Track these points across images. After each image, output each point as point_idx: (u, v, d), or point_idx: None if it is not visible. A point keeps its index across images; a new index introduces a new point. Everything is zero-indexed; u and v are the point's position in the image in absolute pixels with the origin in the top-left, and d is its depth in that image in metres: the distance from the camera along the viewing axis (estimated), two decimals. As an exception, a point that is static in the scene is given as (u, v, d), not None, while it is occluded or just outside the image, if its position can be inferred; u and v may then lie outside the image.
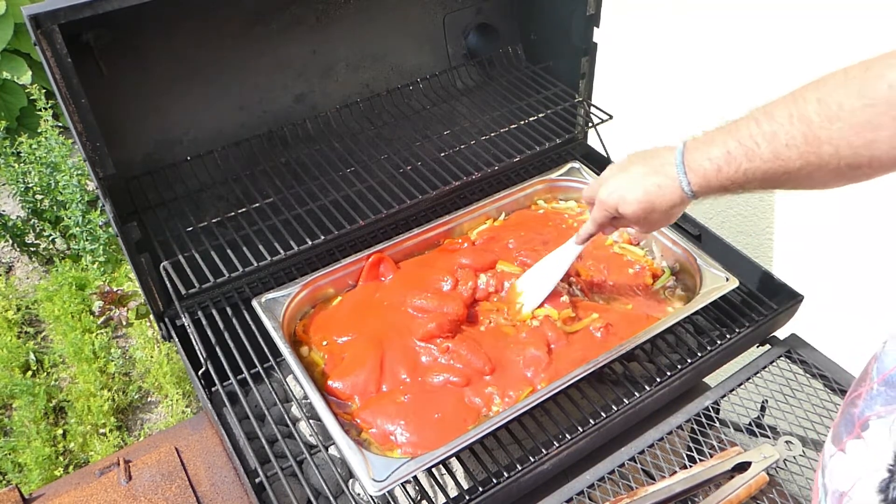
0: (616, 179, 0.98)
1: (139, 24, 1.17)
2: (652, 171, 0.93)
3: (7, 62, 3.32)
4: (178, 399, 2.33)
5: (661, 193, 0.92)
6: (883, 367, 0.62)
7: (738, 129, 0.82)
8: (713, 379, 1.16)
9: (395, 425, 0.99)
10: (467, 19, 1.60)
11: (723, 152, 0.84)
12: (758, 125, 0.80)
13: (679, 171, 0.88)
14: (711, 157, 0.85)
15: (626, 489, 0.96)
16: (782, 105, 0.79)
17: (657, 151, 0.94)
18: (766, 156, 0.80)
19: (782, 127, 0.78)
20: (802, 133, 0.76)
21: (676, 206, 0.93)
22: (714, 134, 0.86)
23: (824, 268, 1.55)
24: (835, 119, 0.73)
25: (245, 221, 1.30)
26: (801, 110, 0.76)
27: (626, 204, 0.96)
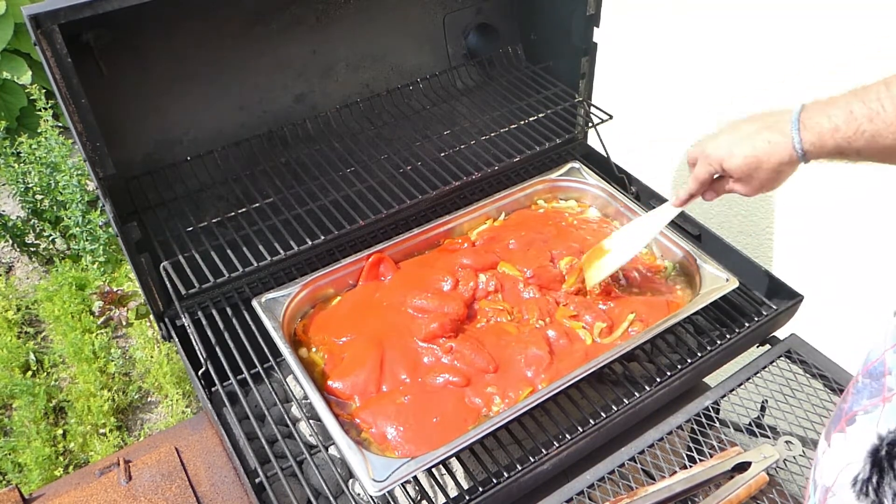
0: (726, 135, 0.95)
1: (139, 24, 1.17)
2: (764, 127, 0.90)
3: (7, 62, 3.32)
4: (178, 399, 2.33)
5: (770, 150, 0.89)
6: (867, 359, 0.62)
7: (867, 92, 0.79)
8: (713, 379, 1.16)
9: (394, 427, 0.99)
10: (467, 19, 1.60)
11: (844, 112, 0.80)
12: (887, 88, 0.76)
13: (793, 127, 0.85)
14: (830, 116, 0.81)
15: (626, 489, 0.96)
16: None
17: (774, 111, 0.91)
18: (891, 119, 0.76)
19: None
20: None
21: (785, 164, 0.89)
22: (839, 96, 0.82)
23: (824, 268, 1.55)
24: None
25: (245, 221, 1.30)
26: None
27: (732, 158, 0.93)
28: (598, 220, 1.37)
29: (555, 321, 1.15)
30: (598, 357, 1.05)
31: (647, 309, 1.16)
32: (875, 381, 0.60)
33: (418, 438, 0.98)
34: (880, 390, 0.59)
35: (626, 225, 1.18)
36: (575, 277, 1.22)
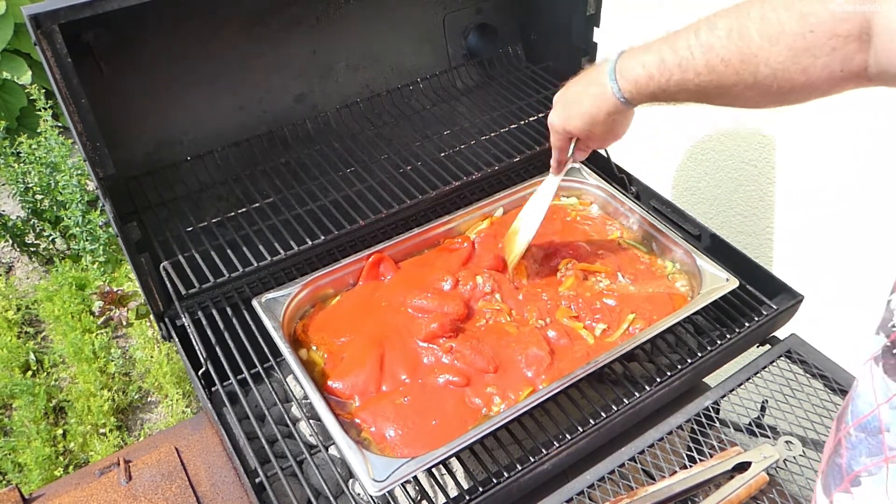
0: (560, 102, 1.00)
1: (139, 24, 1.17)
2: (588, 83, 0.93)
3: (7, 62, 3.33)
4: (178, 399, 2.33)
5: (597, 104, 0.92)
6: (857, 411, 0.59)
7: (677, 38, 0.80)
8: (713, 379, 1.16)
9: (394, 428, 0.99)
10: (467, 19, 1.60)
11: (656, 59, 0.82)
12: (696, 36, 0.78)
13: (610, 77, 0.88)
14: (645, 64, 0.84)
15: (626, 489, 0.96)
16: (724, 17, 0.76)
17: (596, 64, 0.95)
18: (700, 68, 0.78)
19: (720, 40, 0.76)
20: (740, 50, 0.74)
21: (613, 113, 0.92)
22: (653, 42, 0.84)
23: (824, 268, 1.55)
24: (775, 41, 0.71)
25: (245, 221, 1.30)
26: (742, 25, 0.74)
27: (570, 121, 0.98)
28: (600, 217, 1.37)
29: (555, 321, 1.15)
30: (598, 357, 1.05)
31: (651, 305, 1.16)
32: (871, 437, 0.57)
33: (418, 438, 0.98)
34: (880, 448, 0.57)
35: (526, 204, 1.23)
36: (573, 280, 1.22)
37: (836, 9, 0.66)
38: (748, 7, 0.74)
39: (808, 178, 1.53)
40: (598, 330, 1.14)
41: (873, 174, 1.38)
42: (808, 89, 0.72)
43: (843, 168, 1.44)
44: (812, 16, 0.68)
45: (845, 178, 1.45)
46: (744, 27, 0.73)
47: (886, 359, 0.56)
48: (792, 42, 0.70)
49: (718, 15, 0.77)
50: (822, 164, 1.49)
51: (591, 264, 1.25)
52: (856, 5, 0.65)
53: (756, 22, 0.73)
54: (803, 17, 0.69)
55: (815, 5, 0.68)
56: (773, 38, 0.71)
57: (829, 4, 0.67)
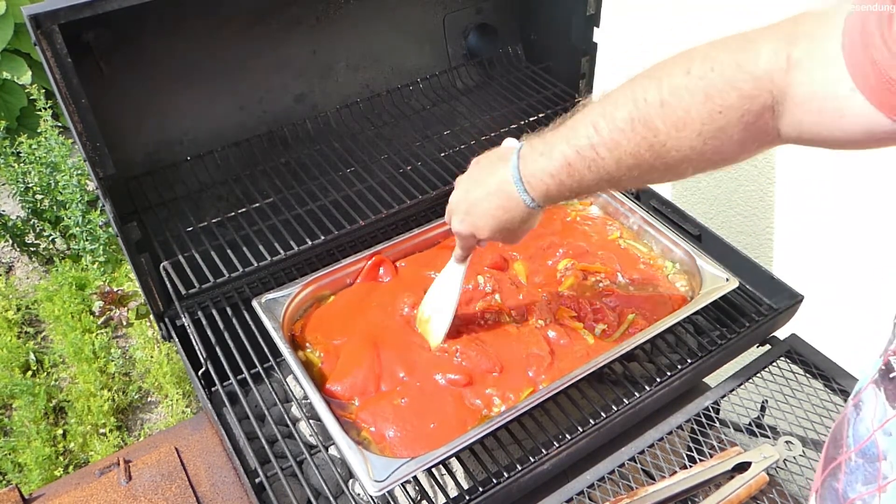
0: (462, 209, 0.94)
1: (139, 24, 1.17)
2: (493, 192, 0.87)
3: (7, 62, 3.32)
4: (178, 399, 2.33)
5: (507, 215, 0.87)
6: (858, 436, 0.57)
7: (577, 136, 0.76)
8: (713, 379, 1.16)
9: (393, 428, 0.99)
10: (467, 19, 1.60)
11: (563, 165, 0.77)
12: (597, 132, 0.73)
13: (518, 188, 0.83)
14: (552, 172, 0.79)
15: (626, 489, 0.96)
16: (623, 104, 0.71)
17: (493, 166, 0.89)
18: (611, 166, 0.74)
19: (624, 134, 0.71)
20: (648, 142, 0.70)
21: (528, 220, 0.89)
22: (552, 140, 0.79)
23: (824, 268, 1.55)
24: (682, 126, 0.67)
25: (245, 221, 1.30)
26: (643, 114, 0.69)
27: (480, 231, 0.93)
28: (600, 217, 1.37)
29: (555, 321, 1.15)
30: (598, 357, 1.05)
31: (651, 305, 1.16)
32: (869, 464, 0.56)
33: (418, 439, 0.98)
34: (875, 476, 0.55)
35: (430, 290, 1.14)
36: (573, 280, 1.22)
37: (744, 86, 0.63)
38: (644, 90, 0.70)
39: (809, 178, 1.53)
40: (598, 330, 1.14)
41: (873, 174, 1.38)
42: (724, 163, 0.70)
43: (844, 168, 1.44)
44: (718, 97, 0.65)
45: (845, 177, 1.45)
46: (646, 116, 0.69)
47: (885, 383, 0.54)
48: (701, 126, 0.66)
49: (615, 101, 0.73)
50: (822, 163, 1.49)
51: (591, 264, 1.25)
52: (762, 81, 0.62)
53: (657, 108, 0.69)
54: (708, 98, 0.65)
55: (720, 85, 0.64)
56: (679, 125, 0.67)
57: (735, 82, 0.64)
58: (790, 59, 0.61)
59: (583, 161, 0.75)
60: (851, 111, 0.58)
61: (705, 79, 0.65)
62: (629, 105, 0.71)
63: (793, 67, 0.61)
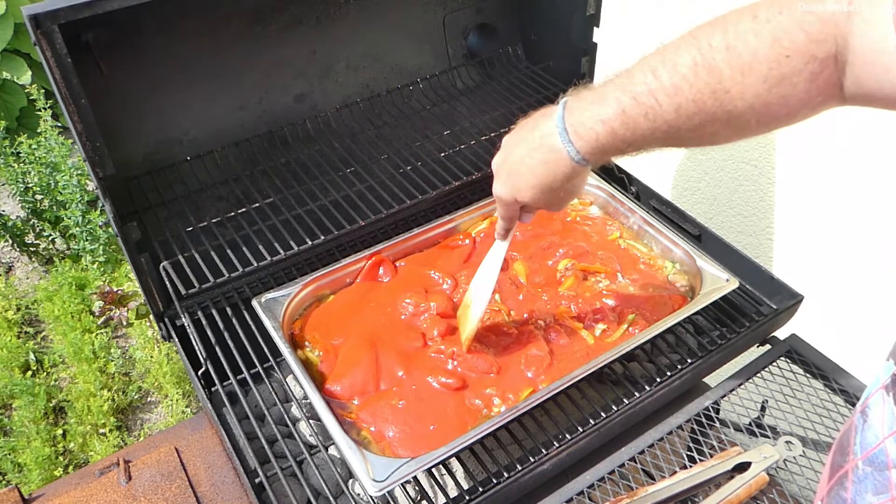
0: (504, 170, 0.88)
1: (139, 24, 1.17)
2: (535, 147, 0.80)
3: (7, 62, 3.33)
4: (178, 399, 2.33)
5: (551, 171, 0.80)
6: (866, 443, 0.55)
7: (634, 82, 0.71)
8: (713, 379, 1.16)
9: (393, 429, 0.99)
10: (467, 19, 1.60)
11: (616, 112, 0.72)
12: (656, 77, 0.69)
13: (563, 139, 0.76)
14: (603, 118, 0.73)
15: (626, 489, 0.96)
16: (685, 50, 0.67)
17: (536, 121, 0.82)
18: (669, 115, 0.69)
19: (686, 80, 0.67)
20: (711, 88, 0.66)
21: (573, 177, 0.81)
22: (605, 89, 0.74)
23: (824, 268, 1.55)
24: (748, 71, 0.64)
25: (245, 221, 1.30)
26: (707, 59, 0.66)
27: (521, 193, 0.86)
28: (600, 217, 1.37)
29: (555, 321, 1.15)
30: (598, 357, 1.05)
31: (651, 305, 1.16)
32: (878, 472, 0.53)
33: (418, 439, 0.98)
34: (886, 486, 0.53)
35: (476, 275, 1.11)
36: (573, 280, 1.22)
37: (811, 28, 0.61)
38: (709, 36, 0.67)
39: (809, 178, 1.53)
40: (598, 330, 1.14)
41: (873, 174, 1.38)
42: (788, 118, 0.67)
43: (844, 168, 1.44)
44: (786, 39, 0.62)
45: (845, 177, 1.45)
46: (710, 60, 0.66)
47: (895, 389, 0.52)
48: (767, 71, 0.63)
49: (676, 48, 0.69)
50: (822, 163, 1.49)
51: (591, 264, 1.25)
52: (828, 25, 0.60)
53: (722, 52, 0.65)
54: (776, 41, 0.63)
55: (788, 27, 0.62)
56: (745, 69, 0.64)
57: (803, 24, 0.61)
58: (851, 7, 0.59)
59: (639, 108, 0.70)
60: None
61: (772, 21, 0.63)
62: (692, 50, 0.67)
63: (853, 13, 0.59)
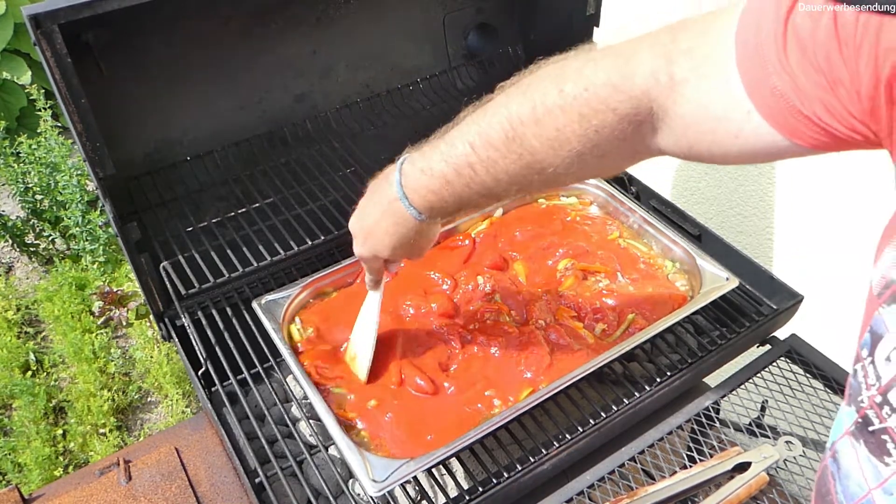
0: (360, 233, 0.94)
1: (139, 24, 1.17)
2: (385, 211, 0.87)
3: (7, 62, 3.33)
4: (178, 399, 2.33)
5: (402, 231, 0.87)
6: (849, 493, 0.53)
7: (455, 153, 0.75)
8: (713, 379, 1.16)
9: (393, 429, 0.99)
10: (467, 19, 1.60)
11: (441, 184, 0.77)
12: (473, 150, 0.73)
13: (404, 204, 0.83)
14: (432, 189, 0.79)
15: (626, 489, 0.96)
16: (498, 123, 0.71)
17: (380, 186, 0.88)
18: (490, 183, 0.74)
19: (499, 152, 0.71)
20: (525, 161, 0.69)
21: (424, 232, 0.88)
22: (431, 156, 0.78)
23: (824, 268, 1.55)
24: (559, 147, 0.66)
25: (245, 221, 1.30)
26: (518, 134, 0.69)
27: (382, 252, 0.92)
28: (599, 217, 1.37)
29: (555, 321, 1.15)
30: (598, 357, 1.05)
31: (651, 305, 1.16)
32: None
33: (418, 439, 0.98)
34: None
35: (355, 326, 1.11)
36: (573, 280, 1.22)
37: (620, 107, 0.62)
38: (519, 107, 0.69)
39: (809, 178, 1.53)
40: (598, 330, 1.14)
41: (874, 173, 1.38)
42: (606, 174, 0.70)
43: (844, 167, 1.44)
44: (594, 117, 0.63)
45: (846, 177, 1.45)
46: (521, 136, 0.68)
47: (865, 437, 0.50)
48: (578, 146, 0.65)
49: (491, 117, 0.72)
50: (822, 163, 1.49)
51: (591, 264, 1.25)
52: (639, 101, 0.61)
53: (531, 128, 0.67)
54: (583, 118, 0.64)
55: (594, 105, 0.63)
56: (555, 144, 0.66)
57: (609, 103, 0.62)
58: (673, 79, 0.60)
59: (461, 179, 0.75)
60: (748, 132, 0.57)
61: (579, 98, 0.64)
62: (504, 124, 0.70)
63: (678, 86, 0.60)
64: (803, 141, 0.55)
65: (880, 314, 0.48)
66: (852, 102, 0.49)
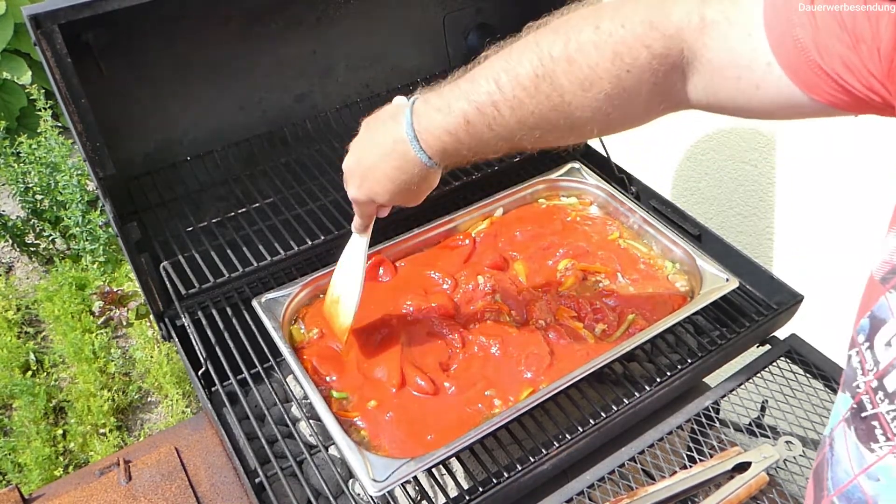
0: (356, 174, 0.87)
1: (139, 24, 1.17)
2: (388, 153, 0.81)
3: (7, 62, 3.33)
4: (178, 399, 2.33)
5: (406, 175, 0.81)
6: (837, 479, 0.53)
7: (478, 91, 0.71)
8: (713, 379, 1.16)
9: (393, 429, 0.99)
10: (467, 19, 1.60)
11: (461, 123, 0.72)
12: (499, 87, 0.69)
13: (414, 146, 0.77)
14: (450, 129, 0.73)
15: (626, 489, 0.96)
16: (527, 59, 0.67)
17: (385, 125, 0.82)
18: (512, 125, 0.69)
19: (527, 91, 0.67)
20: (552, 101, 0.66)
21: (427, 178, 0.82)
22: (450, 95, 0.73)
23: (824, 268, 1.55)
24: (588, 86, 0.64)
25: (245, 221, 1.30)
26: (548, 71, 0.65)
27: (379, 196, 0.86)
28: (599, 217, 1.37)
29: (555, 321, 1.15)
30: (598, 357, 1.05)
31: (651, 305, 1.16)
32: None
33: (418, 439, 0.98)
34: None
35: (336, 269, 1.09)
36: (573, 280, 1.22)
37: (654, 45, 0.61)
38: (550, 45, 0.66)
39: (809, 177, 1.53)
40: (598, 330, 1.14)
41: (874, 173, 1.38)
42: (631, 125, 0.68)
43: (844, 167, 1.44)
44: (627, 55, 0.61)
45: (846, 177, 1.45)
46: (551, 73, 0.65)
47: (856, 423, 0.51)
48: (608, 86, 0.63)
49: (520, 54, 0.69)
50: (822, 163, 1.49)
51: (591, 264, 1.25)
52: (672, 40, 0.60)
53: (563, 64, 0.65)
54: (617, 56, 0.62)
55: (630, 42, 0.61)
56: (585, 84, 0.64)
57: (645, 40, 0.61)
58: (704, 20, 0.59)
59: (483, 119, 0.71)
60: (769, 84, 0.56)
61: (615, 35, 0.62)
62: (534, 60, 0.67)
63: (708, 27, 0.59)
64: (820, 97, 0.54)
65: (886, 300, 0.47)
66: (872, 61, 0.49)
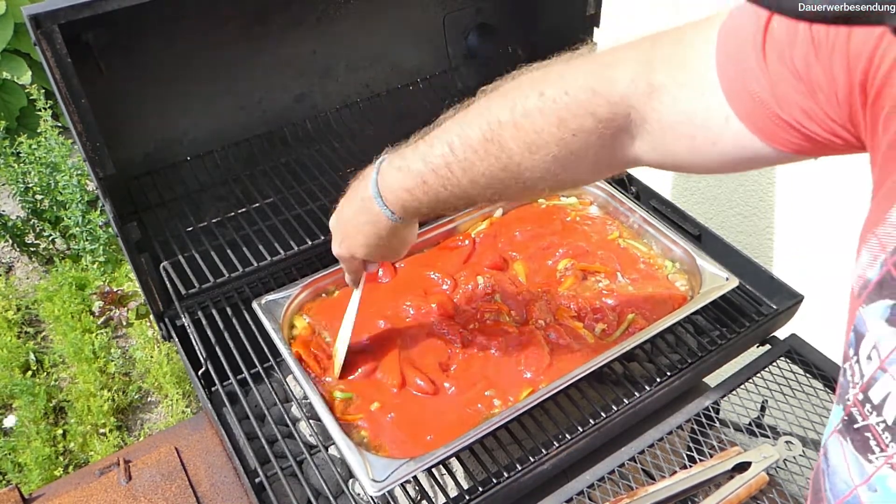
0: (337, 232, 0.94)
1: (139, 23, 1.17)
2: (359, 210, 0.87)
3: (7, 62, 3.33)
4: (178, 399, 2.33)
5: (376, 230, 0.87)
6: (836, 490, 0.53)
7: (433, 154, 0.75)
8: (713, 379, 1.16)
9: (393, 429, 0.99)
10: (467, 19, 1.60)
11: (418, 183, 0.77)
12: (452, 150, 0.73)
13: (378, 203, 0.83)
14: (407, 188, 0.79)
15: (626, 489, 0.96)
16: (477, 125, 0.71)
17: (359, 184, 0.88)
18: (465, 185, 0.74)
19: (477, 154, 0.71)
20: (502, 163, 0.69)
21: (398, 233, 0.88)
22: (409, 156, 0.79)
23: (824, 268, 1.55)
24: (536, 150, 0.66)
25: (245, 221, 1.30)
26: (496, 135, 0.69)
27: (357, 252, 0.92)
28: (599, 217, 1.37)
29: (555, 321, 1.15)
30: (598, 357, 1.05)
31: (651, 305, 1.16)
32: None
33: (417, 439, 0.98)
34: None
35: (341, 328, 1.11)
36: (573, 279, 1.22)
37: (599, 111, 0.62)
38: (498, 110, 0.69)
39: (809, 178, 1.53)
40: (597, 330, 1.14)
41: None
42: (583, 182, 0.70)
43: (844, 167, 1.44)
44: (572, 121, 0.63)
45: (846, 177, 1.45)
46: (499, 137, 0.68)
47: (851, 434, 0.51)
48: (556, 149, 0.65)
49: (471, 120, 0.72)
50: (822, 163, 1.49)
51: (591, 264, 1.25)
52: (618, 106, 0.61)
53: (510, 130, 0.68)
54: (562, 122, 0.64)
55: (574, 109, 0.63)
56: (532, 147, 0.66)
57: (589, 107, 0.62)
58: (652, 85, 0.60)
59: (438, 180, 0.75)
60: (726, 139, 0.57)
61: (558, 102, 0.64)
62: (483, 126, 0.70)
63: (656, 92, 0.60)
64: (783, 146, 0.55)
65: (860, 314, 0.48)
66: (831, 106, 0.50)
